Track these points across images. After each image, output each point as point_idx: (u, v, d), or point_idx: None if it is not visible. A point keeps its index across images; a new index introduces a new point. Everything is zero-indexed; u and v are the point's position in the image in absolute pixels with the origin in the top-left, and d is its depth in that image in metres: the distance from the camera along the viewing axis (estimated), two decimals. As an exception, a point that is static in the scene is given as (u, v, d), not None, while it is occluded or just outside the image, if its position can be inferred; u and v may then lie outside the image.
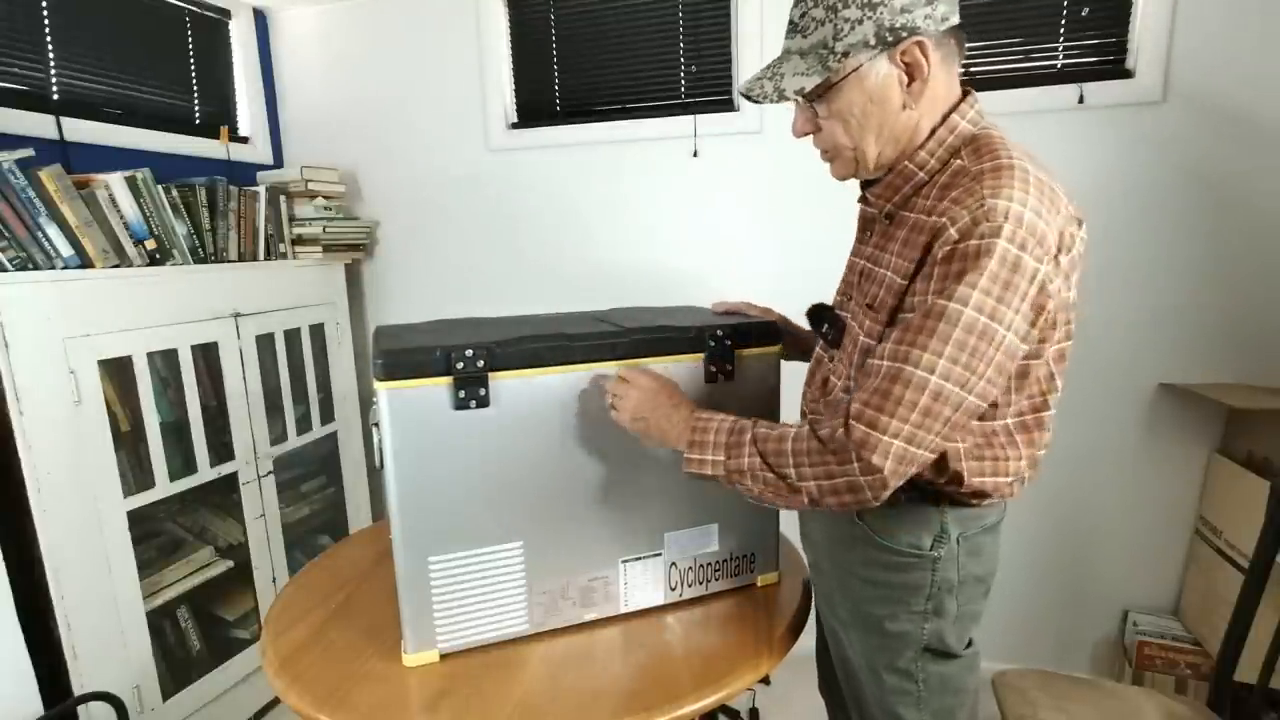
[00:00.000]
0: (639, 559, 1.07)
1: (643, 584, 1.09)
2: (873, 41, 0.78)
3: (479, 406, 0.92)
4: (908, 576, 0.88)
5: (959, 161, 0.79)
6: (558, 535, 1.02)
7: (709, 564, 1.12)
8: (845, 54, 0.79)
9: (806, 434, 0.80)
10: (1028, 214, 0.72)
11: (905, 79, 0.80)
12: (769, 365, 1.09)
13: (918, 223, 0.80)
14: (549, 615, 1.04)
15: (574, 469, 1.01)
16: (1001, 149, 0.78)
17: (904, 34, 0.77)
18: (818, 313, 1.01)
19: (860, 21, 0.77)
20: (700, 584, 1.12)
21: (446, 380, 0.90)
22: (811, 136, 0.89)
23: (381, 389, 0.88)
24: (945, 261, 0.74)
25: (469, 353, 0.90)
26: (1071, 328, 0.83)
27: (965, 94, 0.84)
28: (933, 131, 0.82)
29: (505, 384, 0.93)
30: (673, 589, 1.11)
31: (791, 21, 0.83)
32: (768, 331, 1.09)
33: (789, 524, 1.26)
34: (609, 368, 1.00)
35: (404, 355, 0.89)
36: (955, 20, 0.80)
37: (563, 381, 0.97)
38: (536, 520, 1.00)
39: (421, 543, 0.95)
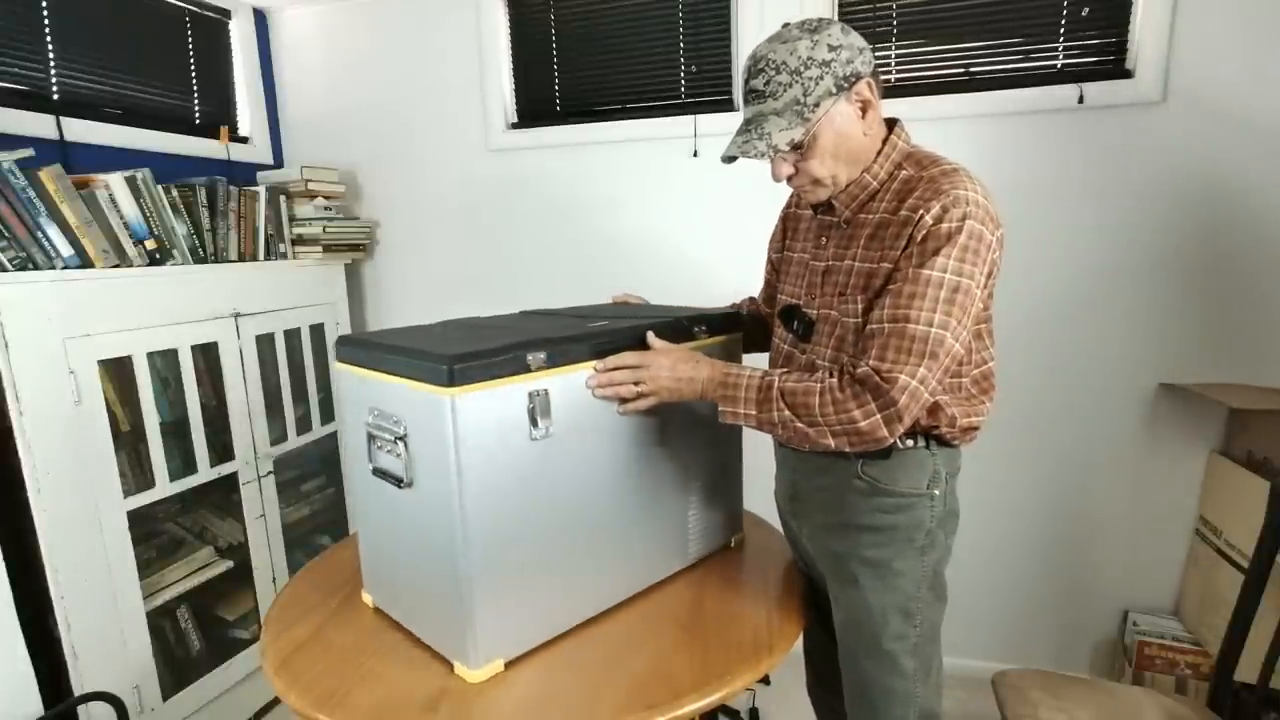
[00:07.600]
0: None
1: None
2: (833, 89, 0.96)
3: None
4: (907, 516, 1.02)
5: (905, 171, 1.00)
6: None
7: None
8: (816, 104, 0.96)
9: (831, 385, 0.94)
10: (982, 199, 0.93)
11: (860, 113, 0.99)
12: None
13: (884, 221, 0.98)
14: None
15: None
16: (941, 158, 1.00)
17: (854, 78, 0.97)
18: (789, 312, 1.14)
19: (821, 77, 0.95)
20: None
21: None
22: (788, 178, 1.05)
23: None
24: (923, 242, 0.92)
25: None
26: (992, 301, 1.03)
27: (894, 122, 1.05)
28: (879, 151, 1.02)
29: None
30: None
31: (756, 90, 0.98)
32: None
33: (770, 512, 1.26)
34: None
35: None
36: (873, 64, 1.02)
37: None
38: None
39: None
